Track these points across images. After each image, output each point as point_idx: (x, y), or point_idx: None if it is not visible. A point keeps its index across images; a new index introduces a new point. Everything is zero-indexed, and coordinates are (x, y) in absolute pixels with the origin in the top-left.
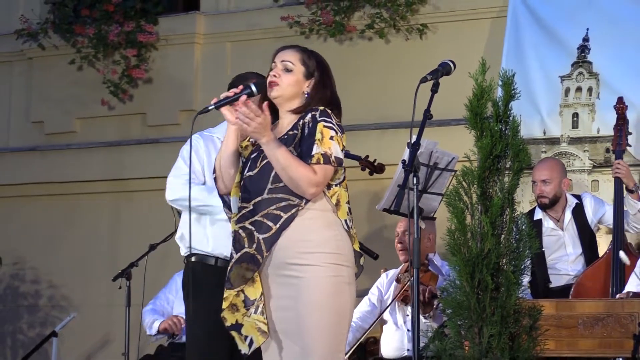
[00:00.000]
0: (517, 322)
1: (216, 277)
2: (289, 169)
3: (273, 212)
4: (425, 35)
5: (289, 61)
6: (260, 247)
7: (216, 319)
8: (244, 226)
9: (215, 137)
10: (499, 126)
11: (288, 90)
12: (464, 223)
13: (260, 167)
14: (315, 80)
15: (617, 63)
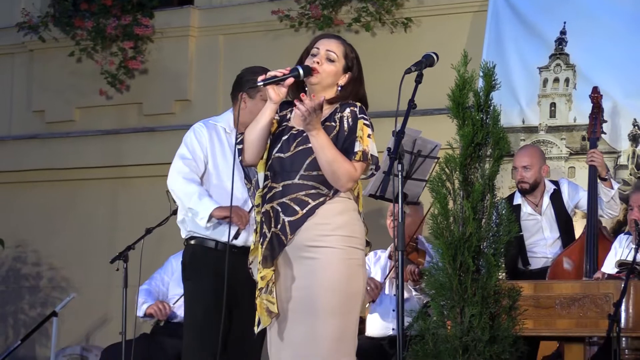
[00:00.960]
0: (497, 303)
1: (215, 260)
2: (334, 164)
3: (301, 198)
4: (410, 28)
5: (334, 52)
6: (284, 229)
7: (214, 300)
8: (273, 206)
9: (219, 127)
10: (480, 115)
11: (327, 80)
12: (447, 208)
13: (294, 152)
14: (351, 76)
15: (593, 55)
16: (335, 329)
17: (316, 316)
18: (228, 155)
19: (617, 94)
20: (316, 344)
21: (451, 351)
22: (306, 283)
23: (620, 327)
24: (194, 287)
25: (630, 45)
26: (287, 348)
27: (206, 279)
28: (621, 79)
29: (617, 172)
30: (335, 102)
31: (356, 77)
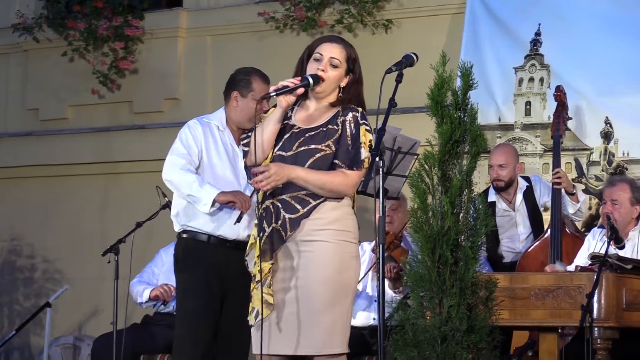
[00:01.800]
0: (474, 294)
1: (207, 253)
2: (326, 186)
3: (302, 197)
4: (390, 30)
5: (337, 59)
6: (285, 224)
7: (205, 291)
8: (274, 202)
9: (213, 124)
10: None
11: (331, 85)
12: (426, 203)
13: (296, 151)
14: (352, 78)
15: (566, 55)
16: (328, 320)
17: (310, 307)
18: (221, 151)
19: (590, 93)
20: (310, 333)
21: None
22: (301, 275)
23: (593, 317)
24: (186, 280)
25: (603, 46)
26: (282, 338)
27: (198, 272)
28: (594, 78)
29: (589, 168)
30: (337, 105)
31: (357, 79)
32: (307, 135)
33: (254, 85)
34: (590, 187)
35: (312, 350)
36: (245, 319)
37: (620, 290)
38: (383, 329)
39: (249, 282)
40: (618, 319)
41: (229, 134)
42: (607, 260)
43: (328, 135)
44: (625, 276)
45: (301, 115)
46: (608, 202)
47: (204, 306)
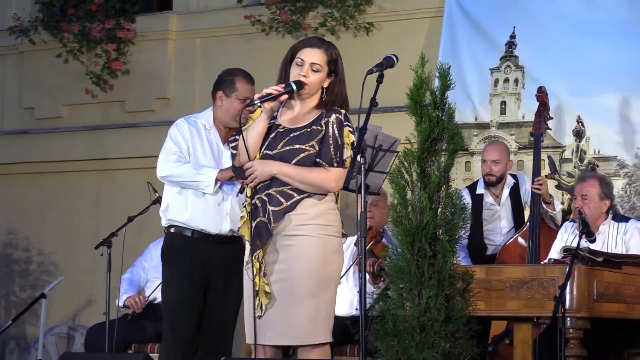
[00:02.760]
0: (452, 285)
1: (191, 247)
2: (306, 180)
3: (287, 191)
4: (372, 32)
5: (318, 63)
6: (270, 217)
7: (187, 285)
8: (261, 197)
9: (199, 123)
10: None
11: (314, 89)
12: (405, 198)
13: (281, 150)
14: (334, 78)
15: (540, 57)
16: (311, 311)
17: (293, 299)
18: (207, 149)
19: (562, 93)
20: (293, 324)
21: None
22: (285, 268)
23: (565, 308)
24: (169, 272)
25: (575, 48)
26: (267, 328)
27: (181, 265)
28: (566, 79)
29: (562, 165)
30: (321, 106)
31: (340, 79)
32: (291, 135)
33: (238, 85)
34: (562, 183)
35: (296, 341)
36: (227, 312)
37: (592, 282)
38: (364, 319)
39: (231, 276)
40: (589, 310)
41: (215, 133)
42: (578, 253)
43: (312, 135)
44: (596, 268)
45: (287, 115)
46: (578, 197)
47: (184, 298)
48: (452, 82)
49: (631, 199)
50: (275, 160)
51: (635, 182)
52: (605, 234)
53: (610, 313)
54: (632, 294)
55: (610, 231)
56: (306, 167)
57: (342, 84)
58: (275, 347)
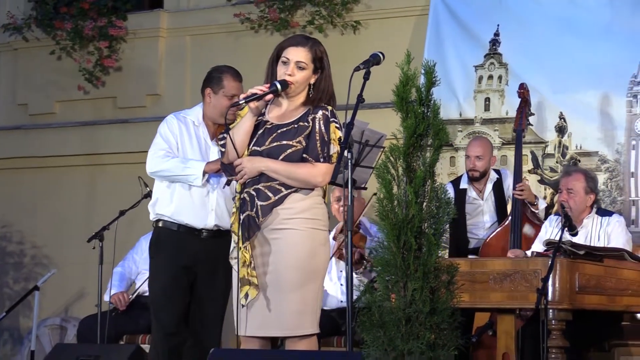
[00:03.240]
0: (436, 278)
1: (177, 241)
2: (292, 176)
3: (275, 186)
4: (358, 30)
5: (303, 62)
6: (258, 212)
7: (172, 278)
8: (249, 191)
9: (189, 119)
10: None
11: (301, 86)
12: (391, 192)
13: (269, 146)
14: (320, 75)
15: (523, 55)
16: (298, 303)
17: (281, 291)
18: (195, 144)
19: (545, 90)
20: (281, 316)
21: (395, 321)
22: (272, 260)
23: (548, 300)
24: (155, 265)
25: (557, 46)
26: (256, 319)
27: (167, 258)
28: (549, 76)
29: (544, 160)
30: (308, 103)
31: (326, 76)
32: (279, 131)
33: (225, 82)
34: (545, 178)
35: (284, 332)
36: (215, 304)
37: (574, 274)
38: (351, 311)
39: (218, 269)
40: (571, 302)
41: (203, 129)
42: (561, 247)
43: (299, 131)
44: (578, 261)
45: (274, 112)
46: (564, 190)
47: (169, 291)
48: (437, 79)
49: (612, 193)
50: (263, 157)
51: (615, 177)
52: (589, 228)
53: (591, 305)
54: (613, 286)
55: (594, 225)
56: (293, 163)
57: (328, 81)
58: (263, 338)
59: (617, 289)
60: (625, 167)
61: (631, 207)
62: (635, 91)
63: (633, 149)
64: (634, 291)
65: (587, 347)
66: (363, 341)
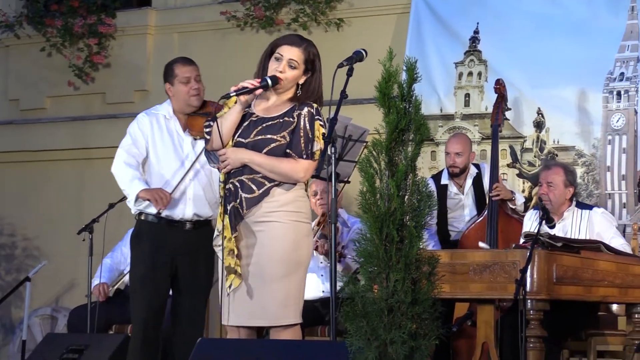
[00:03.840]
0: (418, 269)
1: (157, 234)
2: (275, 170)
3: (258, 179)
4: (342, 28)
5: (295, 60)
6: (242, 203)
7: (151, 269)
8: (233, 182)
9: (160, 114)
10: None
11: (290, 84)
12: (374, 186)
13: (254, 139)
14: (309, 76)
15: (502, 52)
16: (282, 294)
17: (265, 282)
18: (166, 138)
19: (523, 86)
20: (265, 306)
21: (378, 312)
22: (256, 252)
23: (526, 290)
24: (135, 256)
25: (535, 43)
26: (241, 310)
27: (146, 250)
28: (527, 72)
29: (523, 154)
30: (295, 100)
31: (316, 77)
32: (264, 125)
33: (177, 71)
34: (523, 172)
35: (268, 322)
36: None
37: (551, 265)
38: (335, 301)
39: (199, 260)
40: (549, 292)
41: (175, 122)
42: (539, 239)
43: (284, 126)
44: (555, 253)
45: (261, 105)
46: (544, 184)
47: (146, 282)
48: (419, 76)
49: (589, 186)
50: (247, 149)
51: (592, 171)
52: (568, 220)
53: (569, 295)
54: (590, 277)
55: (574, 218)
56: (276, 157)
57: (317, 82)
58: (249, 328)
59: (593, 280)
60: (601, 162)
61: (607, 200)
62: (611, 87)
63: (609, 143)
64: (609, 282)
65: (565, 337)
66: (346, 331)
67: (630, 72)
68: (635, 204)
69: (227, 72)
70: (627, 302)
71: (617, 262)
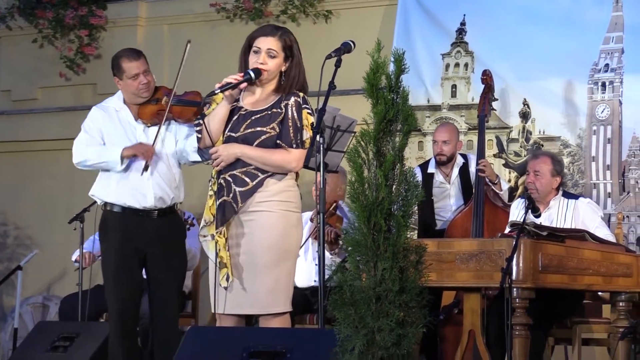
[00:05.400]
0: (405, 258)
1: (122, 224)
2: (267, 161)
3: (251, 171)
4: (330, 19)
5: (274, 50)
6: (236, 197)
7: (120, 259)
8: (225, 177)
9: (110, 107)
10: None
11: (273, 74)
12: (362, 175)
13: (244, 132)
14: (291, 62)
15: (488, 43)
16: (271, 281)
17: (255, 270)
18: (119, 129)
19: (509, 77)
20: (255, 294)
21: (366, 300)
22: (246, 241)
23: (512, 279)
24: (105, 249)
25: (521, 35)
26: (231, 298)
27: (114, 241)
28: (513, 64)
29: (509, 144)
30: (280, 90)
31: (296, 63)
32: (253, 117)
33: (124, 66)
34: (509, 162)
35: (258, 310)
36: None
37: (537, 254)
38: (323, 289)
39: (169, 247)
40: (535, 281)
41: (126, 112)
42: (524, 228)
43: (272, 118)
44: (541, 242)
45: (248, 99)
46: (531, 172)
47: (117, 275)
48: (406, 67)
49: (574, 176)
50: (238, 143)
51: (577, 161)
52: (554, 210)
53: (554, 284)
54: (575, 266)
55: (560, 207)
56: (268, 149)
57: (299, 68)
58: (238, 316)
59: (578, 269)
60: (586, 152)
61: (592, 189)
62: (596, 78)
63: (594, 134)
64: (594, 271)
65: (550, 324)
66: (335, 319)
67: (615, 64)
68: (619, 193)
69: (216, 64)
70: (611, 291)
71: (602, 251)
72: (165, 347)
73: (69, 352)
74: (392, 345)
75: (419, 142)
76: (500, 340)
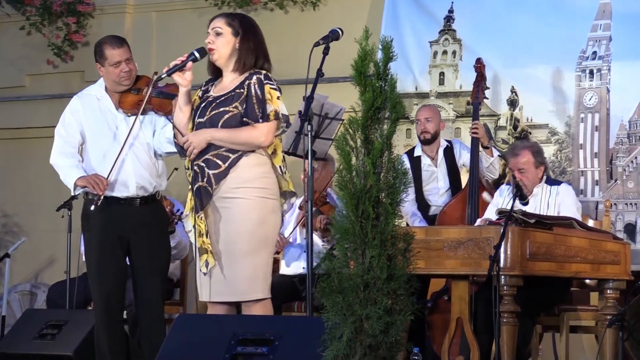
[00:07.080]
0: (393, 246)
1: (104, 213)
2: (237, 139)
3: (222, 154)
4: (318, 7)
5: (218, 27)
6: (210, 180)
7: (104, 248)
8: (198, 164)
9: (92, 95)
10: (379, 83)
11: (224, 51)
12: (350, 163)
13: (209, 116)
14: (241, 36)
15: (476, 31)
16: (249, 269)
17: (233, 258)
18: (100, 119)
19: (497, 65)
20: (234, 282)
21: (354, 287)
22: (223, 229)
23: (500, 266)
24: (88, 238)
25: (509, 22)
26: (212, 285)
27: (96, 230)
28: (501, 51)
29: (497, 132)
30: (241, 69)
31: (244, 35)
32: (217, 101)
33: (106, 53)
34: (498, 149)
35: (238, 297)
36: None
37: (525, 242)
38: (311, 277)
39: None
40: (522, 268)
41: (107, 100)
42: (512, 215)
43: (235, 98)
44: (529, 229)
45: (217, 87)
46: (516, 171)
47: (100, 264)
48: (394, 55)
49: (562, 164)
50: (206, 127)
51: (565, 149)
52: (538, 197)
53: (541, 271)
54: (562, 254)
55: (544, 194)
56: (235, 128)
57: (251, 42)
58: (227, 303)
59: (566, 256)
60: (574, 139)
61: (580, 177)
62: (584, 66)
63: (582, 121)
64: (582, 258)
65: (538, 312)
66: (323, 306)
67: (603, 51)
68: (607, 181)
69: None
70: (599, 278)
71: (590, 239)
72: (150, 334)
73: (57, 339)
74: (380, 332)
75: (407, 129)
76: (488, 327)
